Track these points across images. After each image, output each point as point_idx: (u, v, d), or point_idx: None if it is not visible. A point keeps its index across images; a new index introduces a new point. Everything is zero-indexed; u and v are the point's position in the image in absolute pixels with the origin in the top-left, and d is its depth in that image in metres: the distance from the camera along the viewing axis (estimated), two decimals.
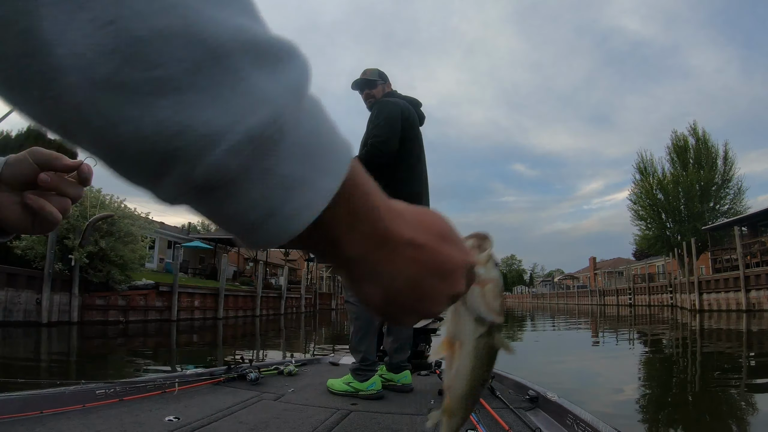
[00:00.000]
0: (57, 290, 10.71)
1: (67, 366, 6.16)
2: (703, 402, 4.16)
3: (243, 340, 10.87)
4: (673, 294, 23.59)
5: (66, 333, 10.13)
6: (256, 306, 18.83)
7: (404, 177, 2.28)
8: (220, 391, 2.07)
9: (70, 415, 1.54)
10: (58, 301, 10.75)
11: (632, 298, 29.76)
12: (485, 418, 1.58)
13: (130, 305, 12.41)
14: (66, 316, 10.97)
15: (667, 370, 6.15)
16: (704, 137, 28.07)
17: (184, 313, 14.28)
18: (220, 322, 15.08)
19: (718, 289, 17.89)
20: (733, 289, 16.85)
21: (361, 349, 2.18)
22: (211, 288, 16.36)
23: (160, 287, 13.35)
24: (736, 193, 26.89)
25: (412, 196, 2.33)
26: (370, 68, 2.49)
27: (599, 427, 1.37)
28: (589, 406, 3.48)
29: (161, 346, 9.32)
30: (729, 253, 20.61)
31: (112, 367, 6.34)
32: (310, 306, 25.68)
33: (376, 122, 2.21)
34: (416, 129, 2.39)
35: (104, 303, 11.83)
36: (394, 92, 2.49)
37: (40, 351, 7.68)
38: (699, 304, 18.80)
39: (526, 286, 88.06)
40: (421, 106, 2.53)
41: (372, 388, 2.11)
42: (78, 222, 10.47)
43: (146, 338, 10.40)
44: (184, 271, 23.96)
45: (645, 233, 29.83)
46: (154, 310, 13.17)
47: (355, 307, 2.24)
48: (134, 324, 12.25)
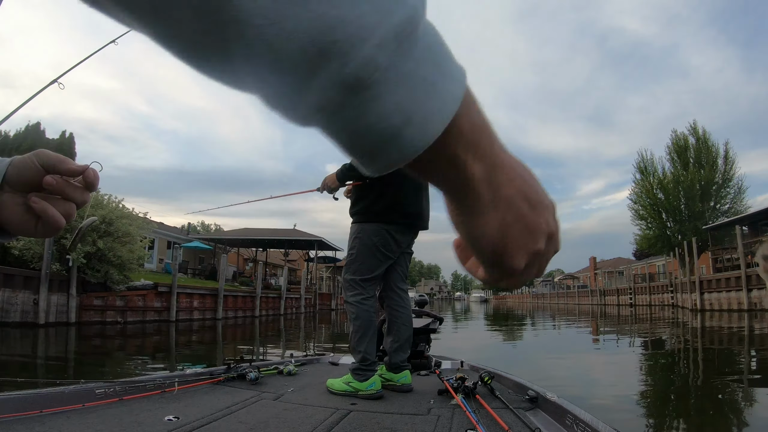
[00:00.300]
0: (54, 291, 10.64)
1: (64, 366, 6.09)
2: (704, 401, 4.13)
3: (242, 340, 10.81)
4: (674, 294, 23.51)
5: (63, 334, 10.07)
6: (255, 306, 18.76)
7: (401, 179, 2.25)
8: (219, 391, 2.07)
9: (69, 414, 1.53)
10: (56, 301, 10.68)
11: (633, 297, 29.66)
12: (485, 418, 1.58)
13: (129, 306, 12.33)
14: (63, 316, 10.90)
15: (667, 369, 6.12)
16: (704, 136, 28.02)
17: (182, 314, 14.20)
18: (219, 322, 15.00)
19: (719, 289, 17.80)
20: (734, 288, 16.76)
21: (360, 348, 2.18)
22: (210, 288, 16.28)
23: (159, 288, 13.27)
24: (737, 193, 26.89)
25: (410, 194, 2.31)
26: None
27: (599, 427, 1.37)
28: (595, 407, 3.51)
29: (160, 347, 9.26)
30: (730, 253, 20.53)
31: (109, 367, 6.28)
32: (310, 306, 25.58)
33: None
34: None
35: (102, 303, 11.75)
36: None
37: (37, 352, 7.62)
38: (700, 304, 18.72)
39: (526, 286, 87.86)
40: None
41: (372, 388, 2.11)
42: (77, 223, 10.40)
43: (144, 339, 10.33)
44: (183, 271, 23.93)
45: (645, 233, 29.76)
46: (153, 311, 13.09)
47: (355, 307, 2.23)
48: (132, 325, 12.18)
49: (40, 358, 6.83)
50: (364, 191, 2.33)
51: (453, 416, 1.69)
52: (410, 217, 2.33)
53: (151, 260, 24.26)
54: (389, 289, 2.42)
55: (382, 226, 2.27)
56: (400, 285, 2.45)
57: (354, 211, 2.37)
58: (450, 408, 1.82)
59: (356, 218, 2.35)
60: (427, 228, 2.45)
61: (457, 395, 1.84)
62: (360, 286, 2.25)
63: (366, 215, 2.30)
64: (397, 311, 2.39)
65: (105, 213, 10.88)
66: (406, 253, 2.47)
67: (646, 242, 29.98)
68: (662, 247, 28.85)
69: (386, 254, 2.29)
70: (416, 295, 3.87)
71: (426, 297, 3.91)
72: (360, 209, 2.34)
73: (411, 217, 2.34)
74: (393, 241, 2.29)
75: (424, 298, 3.83)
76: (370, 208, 2.29)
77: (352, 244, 2.32)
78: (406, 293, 2.49)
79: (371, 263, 2.27)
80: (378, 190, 2.28)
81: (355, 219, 2.36)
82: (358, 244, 2.28)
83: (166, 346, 9.29)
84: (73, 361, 6.72)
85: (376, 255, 2.27)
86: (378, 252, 2.27)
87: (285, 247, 29.76)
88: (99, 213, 10.66)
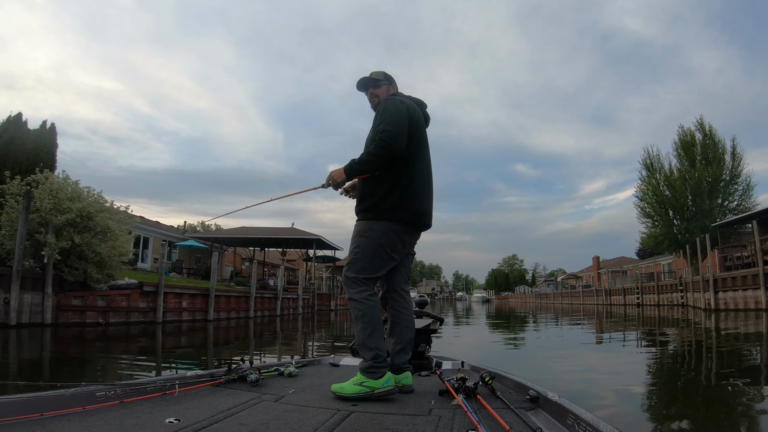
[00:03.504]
0: (28, 289, 9.91)
1: (32, 373, 5.48)
2: (711, 402, 4.05)
3: (236, 342, 10.14)
4: (684, 293, 22.74)
5: (38, 336, 9.43)
6: (249, 307, 18.03)
7: (412, 175, 2.22)
8: (220, 393, 2.05)
9: (70, 417, 1.54)
10: (30, 301, 9.94)
11: (640, 297, 28.92)
12: (485, 418, 1.57)
13: (111, 306, 11.58)
14: (38, 317, 10.17)
15: (675, 369, 5.97)
16: (711, 132, 27.30)
17: (170, 315, 13.44)
18: (210, 324, 14.26)
19: (735, 287, 17.05)
20: (751, 286, 16.02)
21: (372, 345, 2.10)
22: (201, 288, 15.51)
23: (144, 287, 12.53)
24: (745, 189, 26.17)
25: (418, 192, 2.25)
26: (377, 71, 2.47)
27: (600, 427, 1.32)
28: (596, 407, 3.51)
29: (144, 350, 8.62)
30: (740, 251, 19.81)
31: (87, 371, 5.70)
32: (308, 307, 24.85)
33: (383, 118, 2.16)
34: (422, 129, 2.34)
35: (81, 303, 11.00)
36: (400, 94, 2.43)
37: (8, 355, 6.95)
38: (714, 303, 17.96)
39: (529, 286, 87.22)
40: (426, 107, 2.48)
41: (388, 385, 2.04)
42: (51, 215, 9.70)
43: (128, 341, 9.63)
44: (178, 271, 23.30)
45: (652, 231, 29.03)
46: (138, 312, 12.34)
47: (361, 304, 2.14)
48: (115, 326, 11.45)
49: (10, 362, 6.19)
50: (372, 187, 2.23)
51: (454, 416, 1.69)
52: (418, 215, 2.27)
53: (146, 259, 23.64)
54: (392, 291, 2.38)
55: (391, 224, 2.20)
56: (403, 286, 2.42)
57: (361, 208, 2.27)
58: (451, 408, 1.81)
59: (362, 215, 2.25)
60: (431, 227, 2.40)
61: (458, 395, 1.82)
62: (364, 283, 2.18)
63: (374, 212, 2.20)
64: (400, 313, 2.36)
65: (83, 206, 10.13)
66: (410, 254, 2.45)
67: (653, 240, 29.25)
68: (669, 246, 28.14)
69: (392, 256, 2.23)
70: (416, 296, 3.83)
71: (426, 297, 3.89)
72: (368, 206, 2.23)
73: (419, 216, 2.27)
74: (400, 242, 2.24)
75: (425, 298, 3.80)
76: (379, 204, 2.19)
77: (357, 242, 2.22)
78: (409, 295, 2.46)
79: (376, 263, 2.20)
80: (387, 186, 2.19)
81: (361, 216, 2.26)
82: (364, 242, 2.19)
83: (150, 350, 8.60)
84: (46, 365, 6.11)
85: (381, 255, 2.20)
86: (384, 253, 2.20)
87: (282, 246, 29.09)
88: (76, 206, 9.92)
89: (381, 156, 2.09)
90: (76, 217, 9.92)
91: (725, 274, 18.40)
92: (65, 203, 9.91)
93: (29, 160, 12.45)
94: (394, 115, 2.15)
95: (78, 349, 8.38)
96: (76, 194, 10.23)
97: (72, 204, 9.95)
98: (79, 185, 10.93)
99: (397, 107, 2.18)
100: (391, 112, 2.16)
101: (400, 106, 2.19)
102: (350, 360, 3.07)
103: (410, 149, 2.20)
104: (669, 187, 27.29)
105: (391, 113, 2.16)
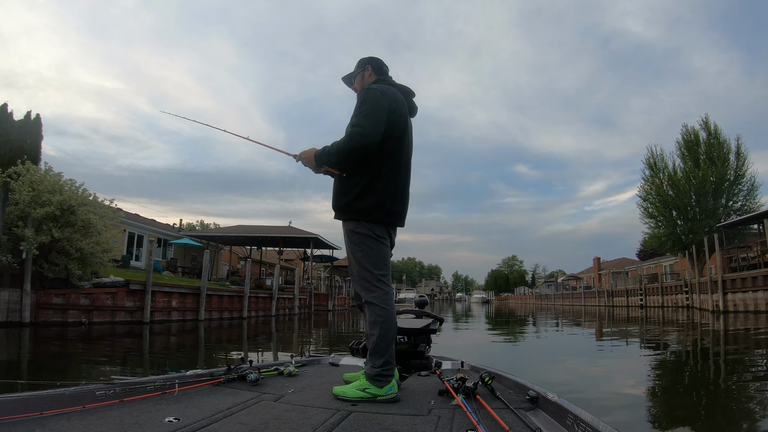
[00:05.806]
0: (5, 286, 9.39)
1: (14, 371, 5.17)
2: (712, 403, 4.03)
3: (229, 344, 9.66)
4: (689, 294, 22.23)
5: (15, 335, 8.96)
6: (243, 307, 17.51)
7: (390, 174, 2.12)
8: (220, 392, 2.05)
9: (70, 416, 1.53)
10: (6, 298, 9.42)
11: (644, 299, 28.41)
12: (485, 418, 1.57)
13: (95, 305, 11.06)
14: (16, 315, 9.65)
15: (677, 371, 5.90)
16: (716, 131, 26.85)
17: (159, 315, 12.92)
18: (202, 324, 13.75)
19: (744, 289, 16.55)
20: (762, 288, 15.52)
21: (385, 353, 2.04)
22: (192, 287, 14.98)
23: (131, 285, 12.01)
24: (750, 190, 25.70)
25: (397, 192, 2.15)
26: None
27: (599, 428, 1.30)
28: (598, 407, 3.56)
29: (130, 350, 8.15)
30: (745, 252, 19.32)
31: (69, 374, 5.28)
32: (305, 307, 24.33)
33: (359, 110, 2.04)
34: (404, 122, 2.18)
35: (63, 302, 10.47)
36: (383, 79, 2.27)
37: None
38: (723, 305, 17.46)
39: (528, 287, 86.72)
40: (413, 95, 2.32)
41: (391, 392, 1.99)
42: (30, 208, 9.18)
43: (113, 342, 9.15)
44: (173, 269, 22.77)
45: (655, 231, 28.55)
46: (124, 311, 11.82)
47: (381, 309, 2.06)
48: (99, 326, 10.94)
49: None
50: (348, 184, 2.11)
51: (453, 417, 1.68)
52: (395, 216, 2.17)
53: (140, 257, 23.12)
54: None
55: (367, 225, 2.11)
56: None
57: (336, 206, 2.16)
58: (450, 408, 1.80)
59: (338, 215, 2.17)
60: (404, 226, 2.29)
61: (458, 396, 1.81)
62: (380, 281, 2.08)
63: (349, 213, 2.11)
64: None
65: (63, 199, 9.61)
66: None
67: (656, 241, 28.81)
68: (673, 246, 27.66)
69: (386, 245, 2.17)
70: (416, 296, 3.90)
71: (426, 297, 3.87)
72: (342, 205, 2.13)
73: (395, 217, 2.18)
74: (387, 236, 2.19)
75: (425, 298, 3.79)
76: (353, 204, 2.09)
77: (353, 239, 2.12)
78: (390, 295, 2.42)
79: (382, 251, 2.12)
80: (365, 183, 2.08)
81: (337, 215, 2.18)
82: (360, 237, 2.11)
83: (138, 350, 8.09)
84: (23, 368, 5.64)
85: (378, 243, 2.12)
86: (380, 241, 2.12)
87: (279, 245, 28.57)
88: (56, 199, 9.40)
89: (350, 152, 1.98)
90: (56, 210, 9.40)
91: (734, 275, 17.89)
92: (45, 196, 9.41)
93: (12, 151, 11.97)
94: (370, 108, 2.01)
95: (57, 349, 7.92)
96: (57, 187, 9.72)
97: (52, 197, 9.44)
98: (62, 177, 10.44)
99: (376, 99, 2.04)
100: (369, 104, 2.03)
101: (380, 99, 2.05)
102: (350, 359, 3.05)
103: (390, 144, 2.08)
104: (673, 187, 26.82)
105: (368, 106, 2.02)
